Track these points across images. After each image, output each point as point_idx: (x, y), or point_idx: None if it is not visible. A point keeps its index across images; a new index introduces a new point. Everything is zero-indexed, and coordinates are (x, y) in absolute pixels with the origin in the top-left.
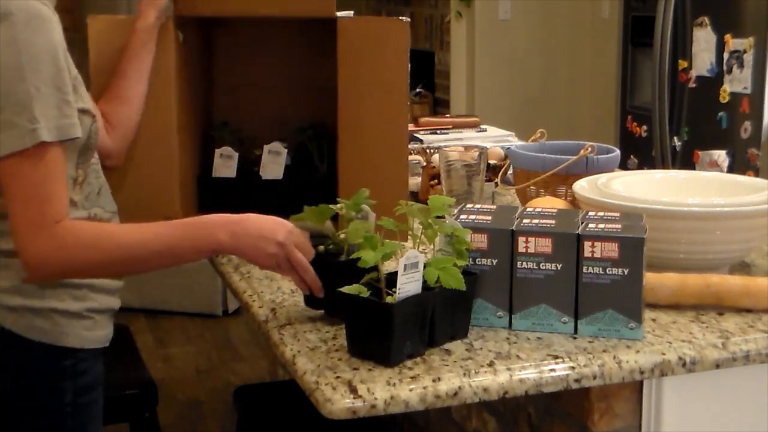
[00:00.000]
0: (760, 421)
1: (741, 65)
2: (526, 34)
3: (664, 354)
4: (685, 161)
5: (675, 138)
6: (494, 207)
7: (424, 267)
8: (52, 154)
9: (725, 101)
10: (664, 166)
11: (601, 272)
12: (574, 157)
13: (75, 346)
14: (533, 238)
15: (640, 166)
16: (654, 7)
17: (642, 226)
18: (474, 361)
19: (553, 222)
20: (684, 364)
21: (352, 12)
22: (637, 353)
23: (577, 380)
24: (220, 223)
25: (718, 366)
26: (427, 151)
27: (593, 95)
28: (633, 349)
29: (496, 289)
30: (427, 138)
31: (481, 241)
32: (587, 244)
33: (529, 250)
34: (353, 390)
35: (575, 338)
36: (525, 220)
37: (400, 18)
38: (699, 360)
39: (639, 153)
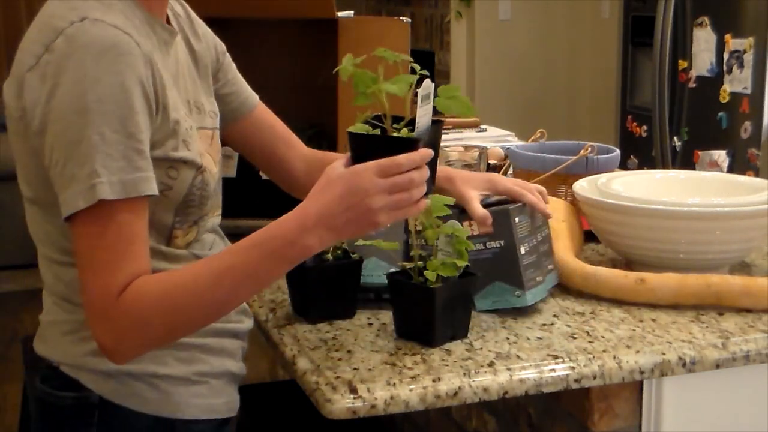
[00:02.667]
0: (760, 421)
1: (741, 65)
2: (526, 34)
3: (664, 354)
4: (685, 161)
5: (675, 138)
6: None
7: (425, 268)
8: (123, 213)
9: (725, 101)
10: (664, 166)
11: (483, 248)
12: (574, 157)
13: (186, 417)
14: None
15: (640, 166)
16: (654, 7)
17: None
18: (474, 361)
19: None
20: (684, 364)
21: (352, 12)
22: (637, 353)
23: (577, 380)
24: (297, 224)
25: (718, 366)
26: None
27: (593, 95)
28: (633, 349)
29: None
30: None
31: None
32: (465, 224)
33: (474, 232)
34: (353, 390)
35: (575, 338)
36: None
37: (400, 18)
38: (699, 360)
39: (639, 153)
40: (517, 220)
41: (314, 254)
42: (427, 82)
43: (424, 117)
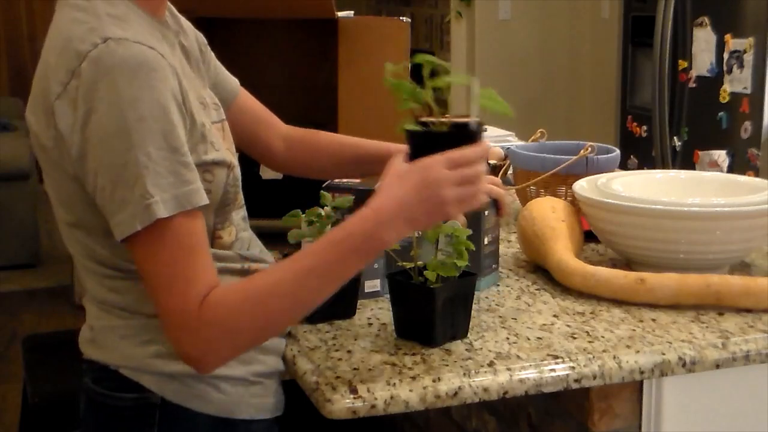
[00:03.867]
0: (760, 421)
1: (741, 65)
2: (526, 34)
3: (664, 354)
4: (685, 161)
5: (675, 138)
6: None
7: (425, 268)
8: (182, 227)
9: (725, 101)
10: (664, 166)
11: None
12: (574, 157)
13: (245, 418)
14: None
15: (640, 166)
16: (654, 7)
17: None
18: (474, 361)
19: None
20: (684, 364)
21: (352, 12)
22: (637, 353)
23: (577, 380)
24: (373, 219)
25: (718, 366)
26: None
27: (593, 95)
28: (633, 349)
29: None
30: None
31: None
32: None
33: None
34: (353, 390)
35: (575, 338)
36: None
37: (400, 18)
38: (699, 360)
39: (639, 153)
40: (486, 213)
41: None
42: (475, 80)
43: (474, 115)
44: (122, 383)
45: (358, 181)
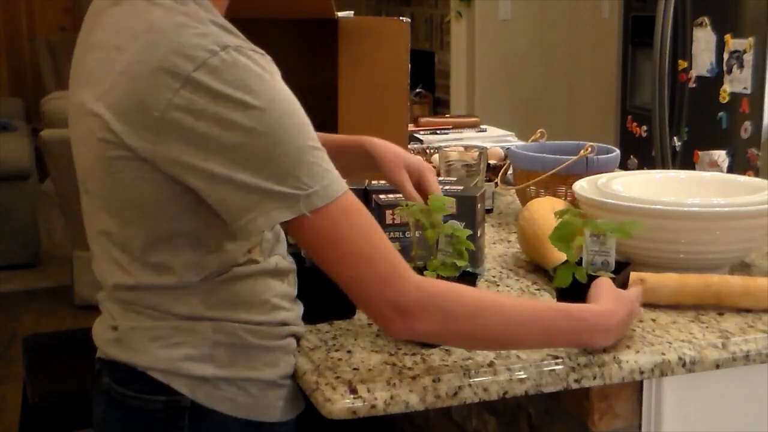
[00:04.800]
0: (760, 421)
1: (741, 65)
2: (526, 34)
3: (664, 354)
4: (685, 161)
5: (675, 138)
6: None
7: (425, 268)
8: (357, 205)
9: (725, 101)
10: (664, 166)
11: None
12: (574, 157)
13: (273, 420)
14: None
15: (640, 166)
16: (654, 7)
17: (477, 188)
18: (474, 361)
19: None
20: (684, 364)
21: (352, 12)
22: (637, 353)
23: (577, 380)
24: (601, 325)
25: (718, 366)
26: (427, 151)
27: (593, 95)
28: (633, 349)
29: None
30: (427, 138)
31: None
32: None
33: (395, 221)
34: (353, 390)
35: None
36: (382, 195)
37: (400, 18)
38: (699, 360)
39: (639, 153)
40: (479, 206)
41: None
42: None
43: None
44: (151, 385)
45: (460, 187)
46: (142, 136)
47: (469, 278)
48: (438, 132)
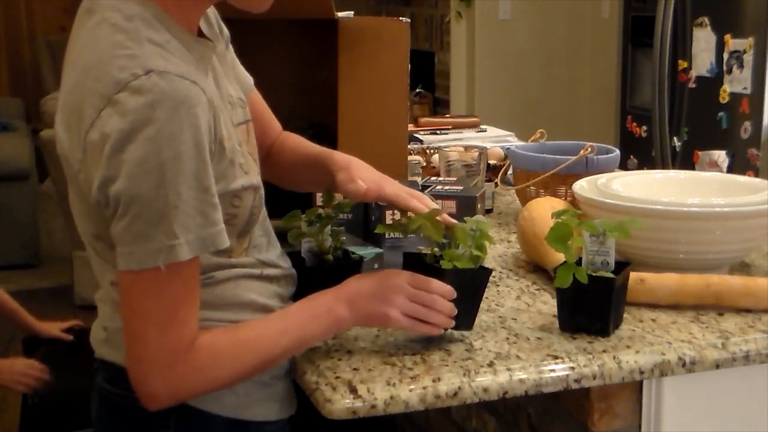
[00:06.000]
0: (760, 421)
1: (741, 65)
2: (526, 34)
3: (664, 354)
4: (685, 161)
5: (675, 138)
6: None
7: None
8: (191, 268)
9: (725, 101)
10: (664, 166)
11: None
12: (574, 157)
13: (259, 420)
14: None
15: (640, 166)
16: (654, 7)
17: (477, 188)
18: (474, 361)
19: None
20: (684, 364)
21: (352, 12)
22: (637, 353)
23: (577, 380)
24: (333, 296)
25: (718, 366)
26: (427, 151)
27: (593, 95)
28: (633, 349)
29: None
30: (427, 138)
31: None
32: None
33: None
34: (353, 390)
35: (575, 338)
36: None
37: (400, 18)
38: (699, 360)
39: (639, 153)
40: (479, 206)
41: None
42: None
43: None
44: None
45: (460, 187)
46: (77, 154)
47: (484, 272)
48: (438, 132)
